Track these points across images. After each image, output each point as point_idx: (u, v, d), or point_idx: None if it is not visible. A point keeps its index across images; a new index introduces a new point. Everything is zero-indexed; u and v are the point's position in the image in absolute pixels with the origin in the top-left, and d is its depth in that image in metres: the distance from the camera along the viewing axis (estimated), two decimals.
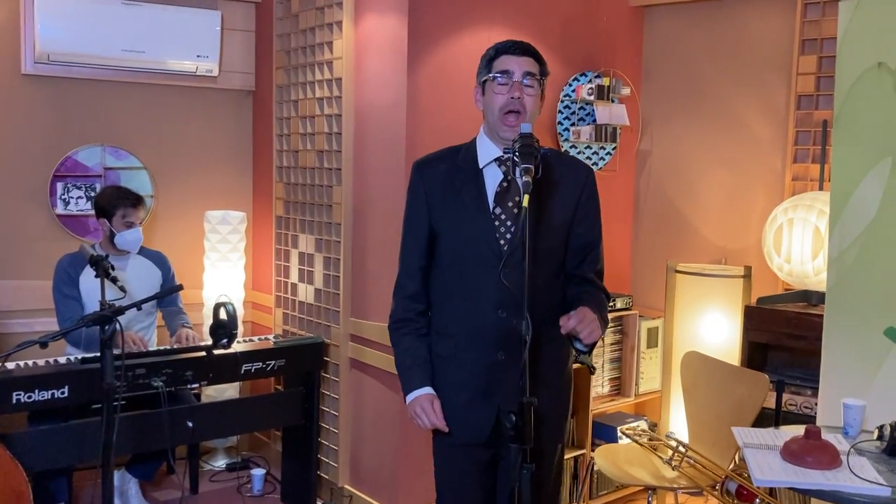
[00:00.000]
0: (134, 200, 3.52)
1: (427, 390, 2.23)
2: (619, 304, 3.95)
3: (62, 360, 3.23)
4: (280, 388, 4.04)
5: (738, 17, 3.95)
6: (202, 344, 3.42)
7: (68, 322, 3.31)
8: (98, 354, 2.60)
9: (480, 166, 2.22)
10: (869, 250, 2.91)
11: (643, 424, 3.96)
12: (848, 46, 2.95)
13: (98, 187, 3.98)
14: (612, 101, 3.99)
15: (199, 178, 4.33)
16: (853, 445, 2.30)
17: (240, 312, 4.15)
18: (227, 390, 4.04)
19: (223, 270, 4.11)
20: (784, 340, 3.46)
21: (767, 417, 3.39)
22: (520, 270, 1.89)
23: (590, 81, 3.90)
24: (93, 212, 3.66)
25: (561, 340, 2.23)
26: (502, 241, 2.15)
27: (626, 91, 4.03)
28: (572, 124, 3.96)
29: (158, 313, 3.74)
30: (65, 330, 2.70)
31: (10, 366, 3.03)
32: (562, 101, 3.90)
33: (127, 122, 4.12)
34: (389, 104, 3.44)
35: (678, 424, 3.88)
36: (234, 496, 3.92)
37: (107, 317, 2.52)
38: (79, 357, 3.21)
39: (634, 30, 4.25)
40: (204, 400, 3.86)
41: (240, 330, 3.86)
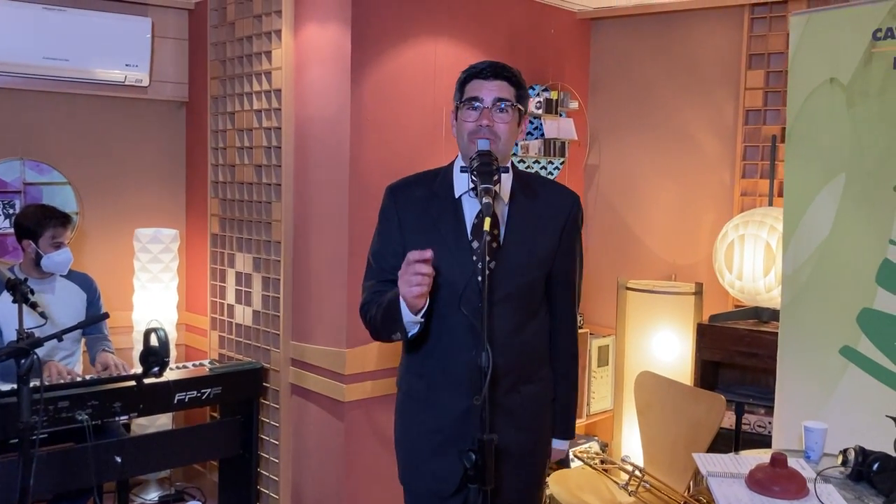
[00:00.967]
0: (62, 219, 3.28)
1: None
2: None
3: None
4: (216, 417, 3.82)
5: (686, 30, 3.92)
6: (132, 372, 3.20)
7: None
8: (15, 386, 2.37)
9: (457, 195, 2.06)
10: (823, 268, 2.88)
11: (595, 446, 3.87)
12: (800, 62, 2.92)
13: (17, 204, 3.71)
14: (561, 115, 3.90)
15: (128, 193, 4.08)
16: (819, 473, 2.22)
17: (172, 336, 3.92)
18: (158, 420, 3.80)
19: (154, 292, 3.88)
20: (736, 358, 3.41)
21: (723, 438, 3.33)
22: (478, 298, 1.76)
23: (538, 95, 3.81)
24: (11, 231, 3.39)
25: (543, 381, 2.13)
26: (480, 278, 1.97)
27: (574, 105, 3.95)
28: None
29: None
30: None
31: None
32: None
33: (49, 135, 3.86)
34: (332, 116, 3.29)
35: (631, 445, 3.80)
36: None
37: (22, 349, 2.29)
38: None
39: (582, 42, 4.19)
40: (134, 431, 3.62)
41: (172, 355, 3.65)
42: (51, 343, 2.65)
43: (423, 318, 1.95)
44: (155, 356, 3.07)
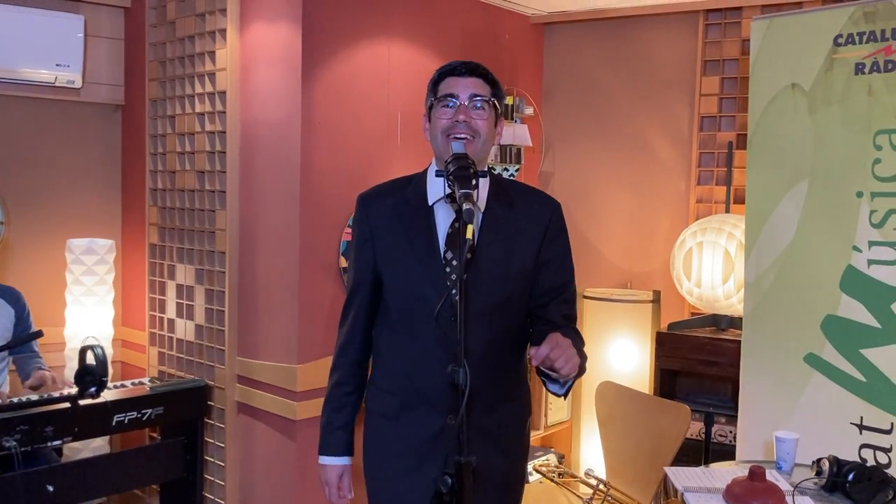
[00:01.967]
0: None
1: (344, 461, 2.04)
2: None
3: None
4: (157, 438, 3.60)
5: (641, 36, 3.89)
6: (66, 393, 2.97)
7: None
8: None
9: (430, 203, 1.94)
10: (787, 275, 2.85)
11: (553, 458, 3.78)
12: (761, 67, 2.90)
13: None
14: (516, 121, 3.82)
15: (59, 202, 3.83)
16: (796, 486, 2.17)
17: (108, 353, 3.68)
18: (94, 443, 3.56)
19: (88, 306, 3.64)
20: (696, 367, 3.37)
21: (685, 448, 3.28)
22: (453, 309, 1.64)
23: None
24: None
25: (521, 399, 2.02)
26: (454, 291, 1.87)
27: (529, 111, 3.88)
28: None
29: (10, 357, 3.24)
30: None
31: None
32: None
33: None
34: (281, 120, 3.13)
35: (589, 457, 3.72)
36: None
37: None
38: None
39: (535, 47, 4.12)
40: (67, 456, 3.37)
41: (110, 373, 3.42)
42: None
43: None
44: (91, 375, 2.85)
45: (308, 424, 3.14)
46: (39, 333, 2.78)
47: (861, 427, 2.68)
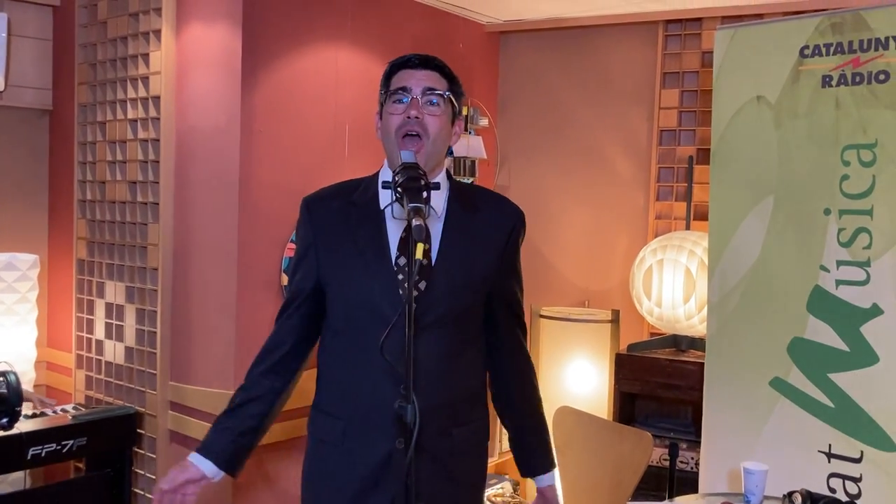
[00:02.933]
0: None
1: (208, 470, 1.77)
2: None
3: None
4: (81, 468, 3.32)
5: (599, 46, 3.77)
6: None
7: None
8: None
9: (381, 207, 1.78)
10: (752, 295, 2.73)
11: (508, 486, 3.61)
12: (725, 79, 2.79)
13: None
14: (470, 132, 3.67)
15: None
16: None
17: (30, 376, 3.41)
18: (9, 477, 3.27)
19: (9, 326, 3.36)
20: (657, 390, 3.24)
21: (648, 477, 3.14)
22: (403, 337, 1.47)
23: None
24: None
25: (479, 423, 1.86)
26: (405, 298, 1.72)
27: (484, 122, 3.73)
28: None
29: None
30: None
31: None
32: None
33: None
34: (219, 128, 2.93)
35: None
36: None
37: None
38: None
39: (490, 57, 3.98)
40: None
41: (34, 396, 3.15)
42: None
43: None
44: (4, 404, 2.60)
45: None
46: None
47: (829, 455, 2.56)
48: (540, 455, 2.00)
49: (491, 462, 3.67)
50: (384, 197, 1.78)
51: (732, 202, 2.77)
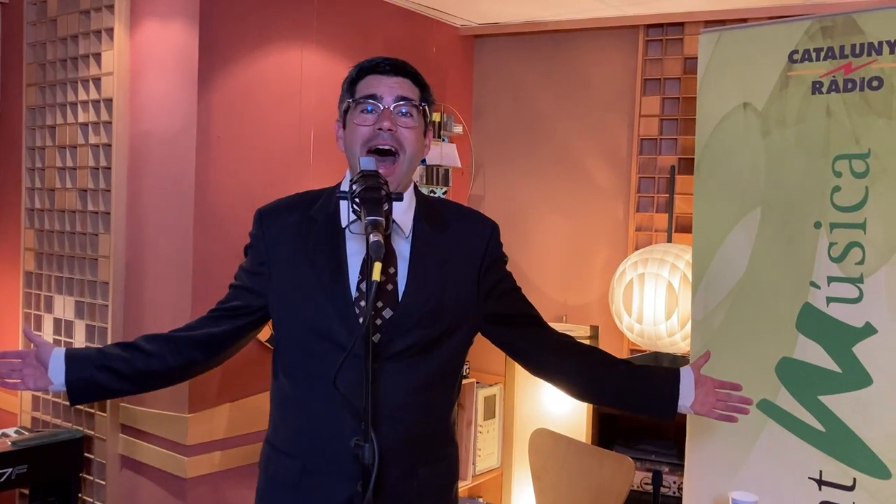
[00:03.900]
0: None
1: (57, 378, 1.65)
2: None
3: None
4: (27, 494, 3.11)
5: (578, 51, 3.63)
6: None
7: None
8: None
9: (342, 225, 1.62)
10: (738, 312, 2.59)
11: None
12: (709, 85, 2.65)
13: None
14: (443, 139, 3.51)
15: None
16: None
17: None
18: None
19: None
20: None
21: (628, 502, 2.98)
22: (358, 370, 1.31)
23: None
24: None
25: (447, 461, 1.69)
26: (363, 325, 1.55)
27: (458, 129, 3.57)
28: None
29: None
30: None
31: None
32: None
33: None
34: (174, 133, 2.74)
35: None
36: None
37: None
38: None
39: (465, 61, 3.82)
40: None
41: None
42: None
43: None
44: None
45: (200, 483, 2.73)
46: None
47: (820, 482, 2.42)
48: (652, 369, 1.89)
49: (464, 486, 3.51)
50: (345, 211, 1.62)
51: (717, 214, 2.63)
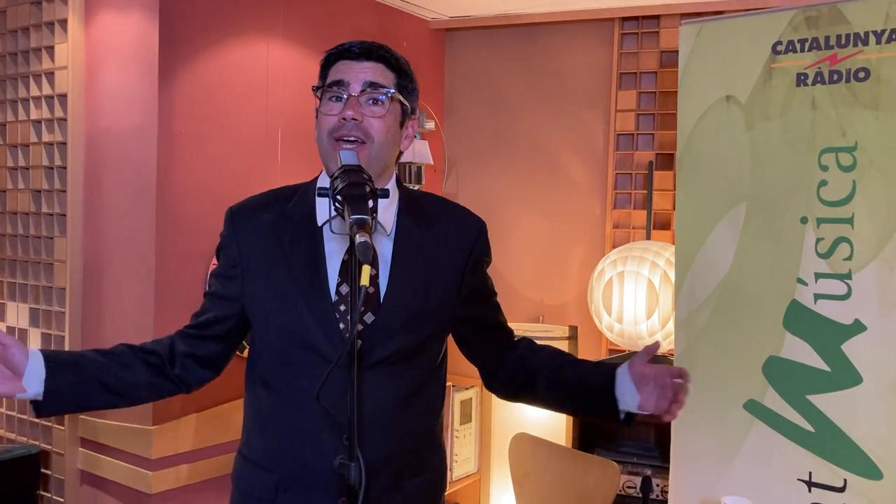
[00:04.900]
0: None
1: (33, 387, 1.42)
2: None
3: None
4: None
5: (551, 45, 3.55)
6: None
7: None
8: None
9: (319, 223, 1.50)
10: (723, 311, 2.52)
11: None
12: (691, 78, 2.58)
13: None
14: (416, 136, 3.39)
15: None
16: None
17: None
18: None
19: None
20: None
21: None
22: (344, 379, 1.21)
23: None
24: None
25: (435, 471, 1.61)
26: (348, 335, 1.45)
27: (430, 125, 3.47)
28: None
29: None
30: None
31: None
32: None
33: None
34: (134, 129, 2.61)
35: None
36: None
37: None
38: None
39: (436, 55, 3.72)
40: None
41: None
42: None
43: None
44: None
45: (166, 498, 2.59)
46: None
47: (810, 484, 2.36)
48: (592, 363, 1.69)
49: None
50: (322, 209, 1.50)
51: (700, 210, 2.56)
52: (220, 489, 2.70)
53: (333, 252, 1.50)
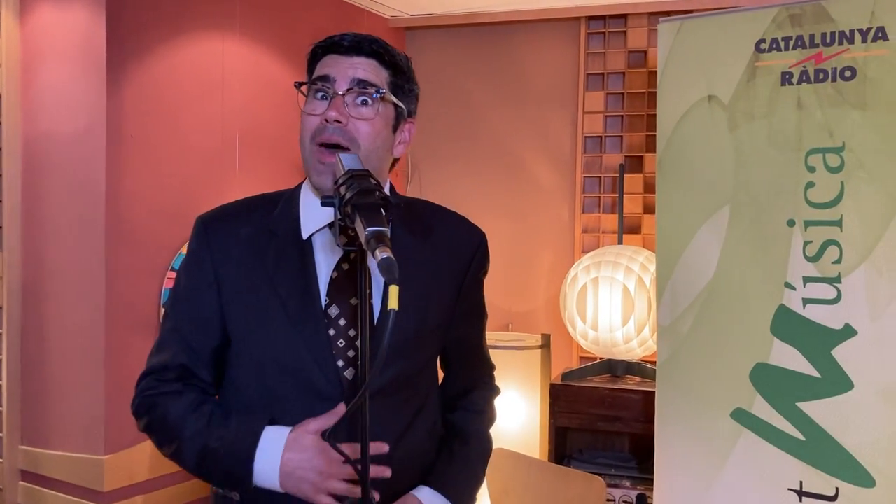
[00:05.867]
0: None
1: (282, 432, 1.27)
2: None
3: None
4: None
5: (515, 44, 3.44)
6: None
7: None
8: None
9: (305, 236, 1.33)
10: (708, 317, 2.45)
11: None
12: (671, 77, 2.51)
13: None
14: None
15: None
16: None
17: None
18: None
19: None
20: (598, 423, 2.93)
21: None
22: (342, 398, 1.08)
23: None
24: None
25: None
26: (341, 363, 1.30)
27: None
28: None
29: None
30: None
31: None
32: None
33: None
34: (79, 133, 2.40)
35: None
36: None
37: None
38: None
39: None
40: None
41: None
42: None
43: None
44: None
45: None
46: None
47: (801, 493, 2.30)
48: (446, 465, 1.48)
49: None
50: (308, 221, 1.35)
51: (683, 213, 2.49)
52: None
53: (322, 266, 1.35)
